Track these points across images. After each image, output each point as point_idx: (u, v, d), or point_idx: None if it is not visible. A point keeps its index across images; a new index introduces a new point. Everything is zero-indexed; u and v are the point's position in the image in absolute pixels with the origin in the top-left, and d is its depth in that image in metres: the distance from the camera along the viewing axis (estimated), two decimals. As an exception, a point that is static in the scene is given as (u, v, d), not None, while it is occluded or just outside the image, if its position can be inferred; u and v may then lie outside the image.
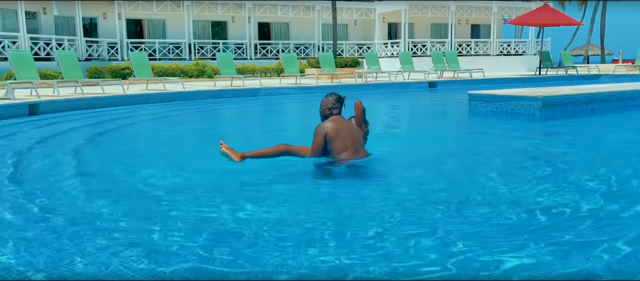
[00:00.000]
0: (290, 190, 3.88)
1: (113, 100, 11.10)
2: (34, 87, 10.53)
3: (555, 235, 2.79)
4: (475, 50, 28.22)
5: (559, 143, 6.24)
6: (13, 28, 19.84)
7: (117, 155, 5.70)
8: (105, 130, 7.77)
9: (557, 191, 3.78)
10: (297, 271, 2.36)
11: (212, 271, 2.37)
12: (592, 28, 43.37)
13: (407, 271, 2.35)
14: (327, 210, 3.37)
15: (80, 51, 21.42)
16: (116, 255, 2.55)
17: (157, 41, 23.85)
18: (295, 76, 16.56)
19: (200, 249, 2.64)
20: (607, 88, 10.30)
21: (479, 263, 2.42)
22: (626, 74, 20.43)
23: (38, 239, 2.82)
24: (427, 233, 2.85)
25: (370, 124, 4.72)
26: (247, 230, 2.92)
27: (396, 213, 3.26)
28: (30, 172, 4.76)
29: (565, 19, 21.76)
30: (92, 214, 3.31)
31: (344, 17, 27.69)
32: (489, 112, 8.80)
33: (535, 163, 4.97)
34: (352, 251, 2.58)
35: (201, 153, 5.61)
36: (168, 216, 3.26)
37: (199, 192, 3.88)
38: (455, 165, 4.81)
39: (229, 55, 16.68)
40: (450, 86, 16.99)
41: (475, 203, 3.48)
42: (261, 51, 25.97)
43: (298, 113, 10.98)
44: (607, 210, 3.28)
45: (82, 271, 2.37)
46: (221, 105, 11.88)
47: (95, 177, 4.49)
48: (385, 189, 3.90)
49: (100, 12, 24.08)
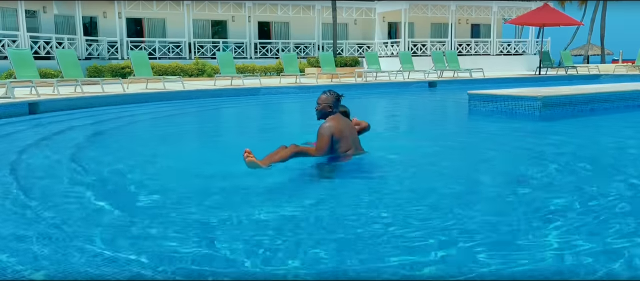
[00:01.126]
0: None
1: (113, 99, 11.09)
2: (34, 86, 10.53)
3: (555, 234, 2.80)
4: (475, 49, 28.21)
5: (558, 143, 6.24)
6: (13, 27, 19.83)
7: (116, 154, 5.70)
8: (105, 129, 7.76)
9: (554, 190, 3.78)
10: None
11: (217, 272, 2.37)
12: (592, 28, 43.39)
13: (406, 271, 2.35)
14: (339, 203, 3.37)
15: (80, 50, 21.42)
16: (115, 253, 2.55)
17: (157, 40, 23.84)
18: (295, 75, 16.56)
19: (201, 248, 2.64)
20: (607, 88, 10.30)
21: (478, 262, 2.43)
22: (626, 74, 20.42)
23: (36, 238, 2.81)
24: (424, 230, 2.85)
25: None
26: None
27: (392, 211, 3.26)
28: (30, 170, 4.76)
29: (565, 19, 21.76)
30: (91, 213, 3.31)
31: (344, 16, 27.68)
32: (488, 111, 8.80)
33: (534, 163, 4.98)
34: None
35: (202, 153, 5.61)
36: (168, 214, 3.26)
37: (201, 190, 3.88)
38: (454, 164, 4.81)
39: (228, 55, 16.68)
40: (450, 86, 16.99)
41: (475, 201, 3.48)
42: (261, 50, 25.96)
43: (298, 113, 10.98)
44: (606, 209, 3.28)
45: (80, 270, 2.37)
46: (221, 104, 11.88)
47: (95, 176, 4.49)
48: (381, 186, 3.90)
49: (100, 11, 24.07)
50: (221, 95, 13.34)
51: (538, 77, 19.72)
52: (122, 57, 22.58)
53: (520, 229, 2.93)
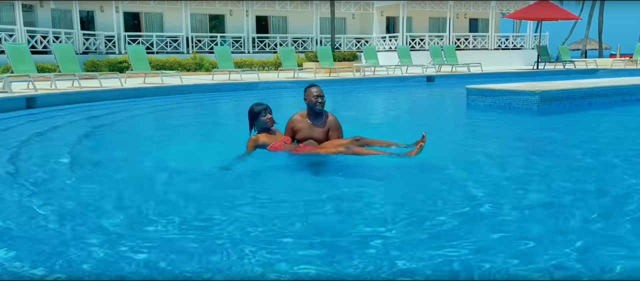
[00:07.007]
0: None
1: (111, 94, 11.07)
2: (31, 81, 10.51)
3: (552, 232, 2.80)
4: (474, 44, 28.19)
5: (556, 137, 6.25)
6: (10, 21, 19.74)
7: (114, 148, 5.69)
8: (103, 124, 7.75)
9: (552, 186, 3.79)
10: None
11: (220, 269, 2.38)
12: (590, 22, 43.39)
13: (408, 270, 2.36)
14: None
15: (78, 44, 21.34)
16: (114, 251, 2.55)
17: (155, 34, 23.77)
18: (293, 70, 16.53)
19: (202, 248, 2.64)
20: (605, 82, 10.31)
21: (476, 261, 2.43)
22: (624, 69, 20.45)
23: (33, 234, 2.81)
24: (419, 226, 2.86)
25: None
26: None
27: (387, 208, 3.27)
28: (27, 165, 4.75)
29: (564, 13, 21.76)
30: (89, 208, 3.31)
31: (342, 10, 27.62)
32: (486, 106, 8.81)
33: (532, 157, 4.99)
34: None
35: (201, 146, 5.60)
36: (167, 213, 3.26)
37: (201, 187, 3.88)
38: (452, 160, 4.81)
39: (226, 49, 16.65)
40: (448, 80, 16.99)
41: (473, 199, 3.48)
42: (259, 45, 25.91)
43: (296, 107, 10.94)
44: (604, 207, 3.29)
45: (79, 269, 2.36)
46: (219, 98, 11.87)
47: (93, 170, 4.49)
48: (371, 184, 3.91)
49: (97, 5, 23.96)
50: (219, 89, 13.32)
51: (536, 71, 19.73)
52: (119, 51, 22.51)
53: (518, 227, 2.94)
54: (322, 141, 4.56)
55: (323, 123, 4.61)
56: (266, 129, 4.72)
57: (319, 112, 4.58)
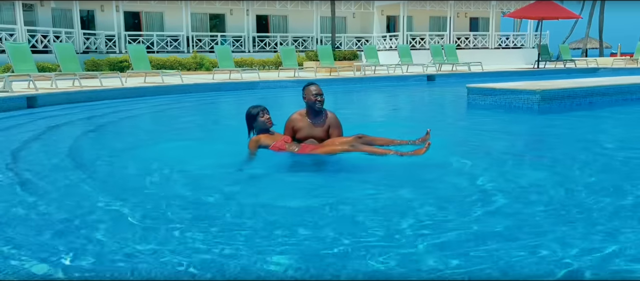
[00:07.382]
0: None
1: (111, 93, 11.08)
2: (32, 80, 10.51)
3: (552, 231, 2.80)
4: (474, 43, 28.18)
5: (556, 136, 6.25)
6: (10, 20, 19.75)
7: (115, 148, 5.69)
8: (104, 123, 7.75)
9: (552, 185, 3.79)
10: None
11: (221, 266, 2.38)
12: (591, 21, 43.33)
13: (408, 269, 2.36)
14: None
15: (78, 44, 21.35)
16: (113, 250, 2.55)
17: (155, 34, 23.77)
18: (294, 69, 16.54)
19: (203, 246, 2.64)
20: (606, 81, 10.30)
21: (475, 260, 2.43)
22: (624, 67, 20.45)
23: (33, 234, 2.81)
24: (420, 227, 2.86)
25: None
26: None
27: (384, 207, 3.27)
28: (28, 164, 4.75)
29: (564, 12, 21.74)
30: (89, 207, 3.31)
31: (342, 9, 27.62)
32: (487, 105, 8.80)
33: (533, 157, 4.98)
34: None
35: (201, 146, 5.60)
36: (167, 211, 3.26)
37: (202, 187, 3.88)
38: (452, 159, 4.81)
39: (227, 48, 16.65)
40: (449, 79, 16.98)
41: (473, 198, 3.48)
42: (259, 44, 25.91)
43: (296, 106, 10.94)
44: (604, 206, 3.29)
45: (78, 268, 2.36)
46: (220, 97, 11.87)
47: (93, 170, 4.48)
48: (371, 181, 3.91)
49: (97, 4, 23.97)
50: (220, 89, 13.32)
51: (536, 70, 19.72)
52: (120, 50, 22.52)
53: (517, 225, 2.94)
54: (323, 139, 4.55)
55: (323, 121, 4.60)
56: (265, 130, 4.70)
57: (319, 110, 4.58)
